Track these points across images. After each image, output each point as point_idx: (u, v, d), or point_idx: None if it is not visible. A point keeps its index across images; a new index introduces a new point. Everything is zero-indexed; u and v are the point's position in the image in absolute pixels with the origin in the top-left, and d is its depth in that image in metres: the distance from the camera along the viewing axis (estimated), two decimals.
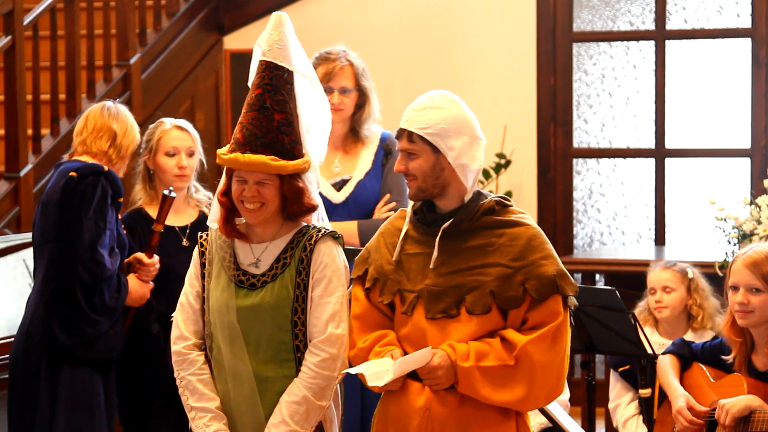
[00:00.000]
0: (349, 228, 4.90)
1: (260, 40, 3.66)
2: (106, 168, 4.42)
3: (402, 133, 3.58)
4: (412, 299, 3.55)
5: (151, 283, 4.53)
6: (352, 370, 3.49)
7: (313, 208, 3.65)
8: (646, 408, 4.81)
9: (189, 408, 3.65)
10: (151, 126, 4.75)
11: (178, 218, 4.66)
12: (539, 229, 3.57)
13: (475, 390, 3.47)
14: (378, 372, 3.44)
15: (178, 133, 4.67)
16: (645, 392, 4.80)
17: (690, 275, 5.23)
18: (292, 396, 3.55)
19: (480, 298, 3.50)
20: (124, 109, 4.63)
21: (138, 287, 4.50)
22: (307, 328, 3.59)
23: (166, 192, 4.53)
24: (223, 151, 3.59)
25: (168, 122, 4.71)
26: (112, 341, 4.43)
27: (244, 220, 3.66)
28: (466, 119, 3.57)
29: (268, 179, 3.55)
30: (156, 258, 4.53)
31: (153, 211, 4.64)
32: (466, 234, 3.55)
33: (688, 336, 5.08)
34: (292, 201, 3.58)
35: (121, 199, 4.45)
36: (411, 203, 3.67)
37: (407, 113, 3.59)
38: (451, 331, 3.51)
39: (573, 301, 3.55)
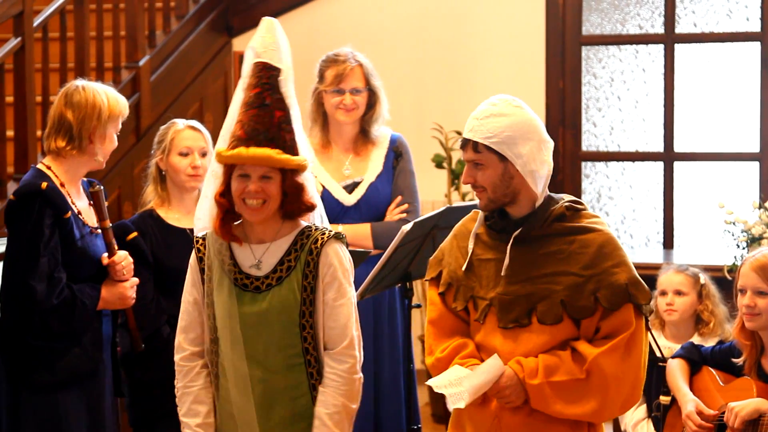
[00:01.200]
0: (362, 231, 4.91)
1: (253, 43, 3.66)
2: (44, 185, 4.18)
3: (466, 143, 3.48)
4: (485, 307, 3.50)
5: (134, 279, 4.36)
6: (434, 385, 3.45)
7: (312, 207, 3.63)
8: (663, 414, 4.80)
9: (180, 421, 3.67)
10: (163, 127, 4.72)
11: (190, 220, 4.63)
12: (612, 234, 3.50)
13: (547, 405, 3.43)
14: (458, 393, 3.41)
15: (191, 133, 4.65)
16: (665, 399, 4.79)
17: (702, 281, 5.22)
18: (330, 407, 3.56)
19: (551, 308, 3.43)
20: (88, 87, 4.36)
21: (110, 291, 4.32)
22: (323, 331, 3.58)
23: (91, 189, 4.37)
24: (222, 149, 3.57)
25: (180, 122, 4.69)
26: (78, 359, 4.25)
27: (238, 223, 3.64)
28: (532, 124, 3.49)
29: (271, 174, 3.52)
30: (121, 254, 4.35)
31: (164, 213, 4.63)
32: (538, 241, 3.48)
33: (694, 340, 5.07)
34: (293, 198, 3.56)
35: (68, 215, 4.20)
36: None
37: (470, 122, 3.48)
38: (524, 341, 3.46)
39: (649, 308, 3.47)
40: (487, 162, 3.46)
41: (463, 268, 3.54)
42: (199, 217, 3.75)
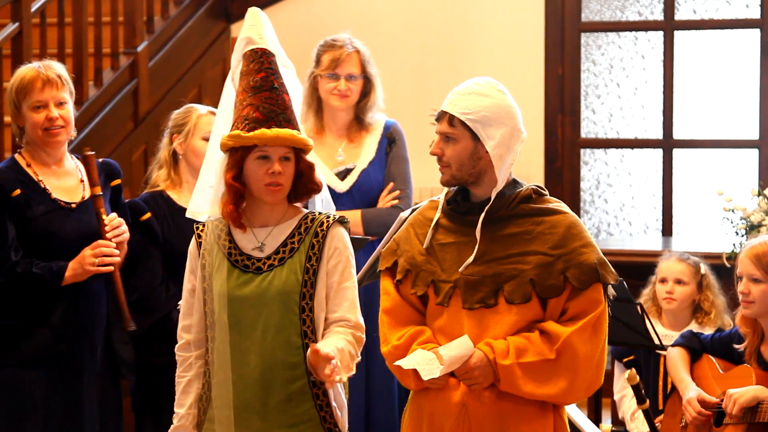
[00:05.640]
0: (352, 217, 4.90)
1: (247, 33, 3.66)
2: None
3: (443, 115, 3.49)
4: (448, 289, 3.49)
5: (102, 242, 4.25)
6: (403, 364, 3.44)
7: (320, 187, 3.65)
8: (648, 419, 4.80)
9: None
10: (179, 111, 4.66)
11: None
12: (576, 217, 3.52)
13: (517, 387, 3.41)
14: (429, 368, 3.40)
15: (214, 119, 4.63)
16: (643, 407, 4.79)
17: (702, 271, 5.22)
18: (343, 340, 3.51)
19: (519, 286, 3.43)
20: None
21: (74, 259, 4.22)
22: (325, 314, 3.57)
23: (83, 154, 4.33)
24: (238, 132, 3.54)
25: (201, 108, 4.66)
26: (46, 339, 4.23)
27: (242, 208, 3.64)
28: (510, 110, 3.50)
29: (290, 154, 3.54)
30: (111, 216, 4.32)
31: (175, 195, 4.58)
32: (503, 222, 3.49)
33: (692, 328, 5.08)
34: (307, 178, 3.58)
35: (16, 192, 4.20)
36: (444, 191, 3.60)
37: (451, 96, 3.50)
38: (491, 323, 3.45)
39: (611, 290, 3.50)
40: (459, 137, 3.47)
41: (424, 246, 3.54)
42: (198, 202, 3.72)
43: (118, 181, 4.47)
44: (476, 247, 3.48)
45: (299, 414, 3.56)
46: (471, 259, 3.47)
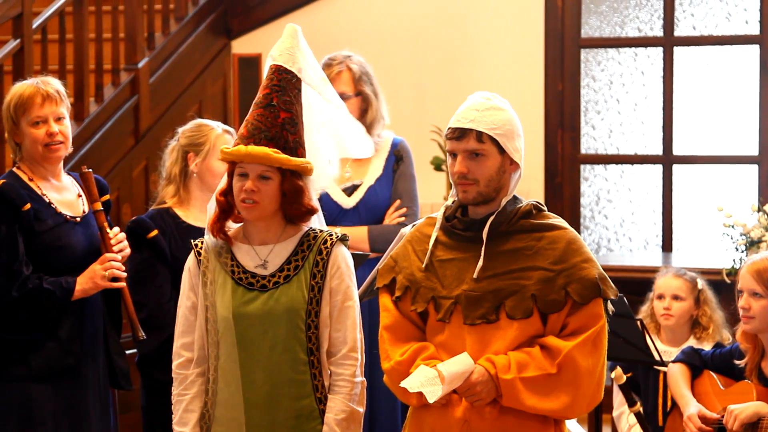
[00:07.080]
0: (359, 233, 4.91)
1: (273, 50, 3.68)
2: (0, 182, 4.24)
3: (467, 133, 3.47)
4: (449, 305, 3.49)
5: (111, 254, 4.29)
6: (408, 386, 3.44)
7: (313, 211, 3.62)
8: (641, 421, 4.81)
9: (173, 428, 3.65)
10: (192, 129, 4.60)
11: (206, 219, 4.57)
12: (576, 232, 3.53)
13: (520, 401, 3.41)
14: (433, 389, 3.41)
15: (231, 139, 4.57)
16: (634, 409, 4.80)
17: (699, 286, 5.22)
18: (340, 413, 3.56)
19: (521, 302, 3.44)
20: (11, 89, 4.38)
21: (83, 275, 4.25)
22: (329, 333, 3.58)
23: (81, 172, 4.34)
24: (223, 148, 3.59)
25: (218, 127, 4.59)
26: (53, 354, 4.24)
27: (240, 225, 3.64)
28: (519, 123, 3.54)
29: (270, 173, 3.52)
30: (114, 230, 4.34)
31: (182, 212, 4.54)
32: (504, 237, 3.49)
33: (690, 343, 5.08)
34: (292, 200, 3.55)
35: (26, 207, 4.20)
36: (443, 208, 3.61)
37: (468, 114, 3.49)
38: (492, 339, 3.46)
39: (610, 306, 3.50)
40: (489, 153, 3.48)
41: (424, 263, 3.54)
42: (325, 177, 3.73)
43: (107, 197, 4.48)
44: (480, 262, 3.48)
45: (307, 430, 3.57)
46: (480, 262, 3.47)
